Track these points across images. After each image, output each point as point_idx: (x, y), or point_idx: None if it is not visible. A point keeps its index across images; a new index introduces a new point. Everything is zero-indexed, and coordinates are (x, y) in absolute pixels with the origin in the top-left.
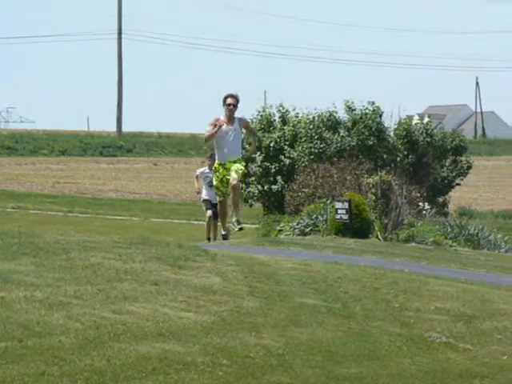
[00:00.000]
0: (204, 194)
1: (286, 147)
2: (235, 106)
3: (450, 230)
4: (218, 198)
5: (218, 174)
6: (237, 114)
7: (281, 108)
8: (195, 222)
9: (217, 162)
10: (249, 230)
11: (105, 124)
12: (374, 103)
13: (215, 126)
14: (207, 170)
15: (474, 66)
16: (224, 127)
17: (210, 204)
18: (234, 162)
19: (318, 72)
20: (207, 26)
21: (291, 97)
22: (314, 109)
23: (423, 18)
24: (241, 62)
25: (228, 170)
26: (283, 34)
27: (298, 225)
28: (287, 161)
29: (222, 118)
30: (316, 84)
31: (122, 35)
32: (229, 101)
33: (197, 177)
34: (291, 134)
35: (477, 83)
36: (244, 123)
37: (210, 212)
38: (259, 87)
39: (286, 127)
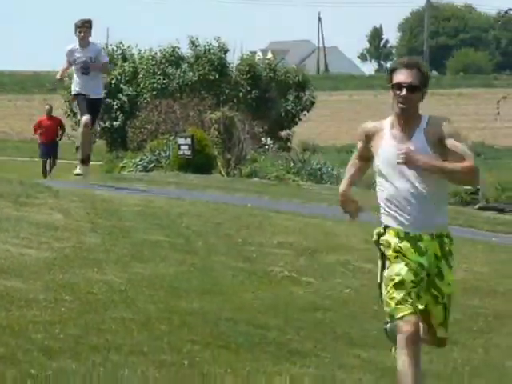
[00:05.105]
0: (75, 86)
1: (122, 86)
2: (412, 91)
3: (292, 164)
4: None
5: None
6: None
7: (121, 45)
8: (37, 160)
9: (394, 228)
10: (92, 167)
11: None
12: (219, 38)
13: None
14: (78, 48)
15: (316, 0)
16: (388, 142)
17: (85, 102)
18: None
19: (162, 9)
20: None
21: (135, 34)
22: (157, 46)
23: None
24: None
25: (418, 254)
26: None
27: (140, 161)
28: (125, 98)
29: (389, 120)
30: (160, 22)
31: None
32: (400, 78)
33: (68, 62)
34: (131, 70)
35: (319, 18)
36: (438, 131)
37: (86, 118)
38: (102, 25)
39: (125, 64)
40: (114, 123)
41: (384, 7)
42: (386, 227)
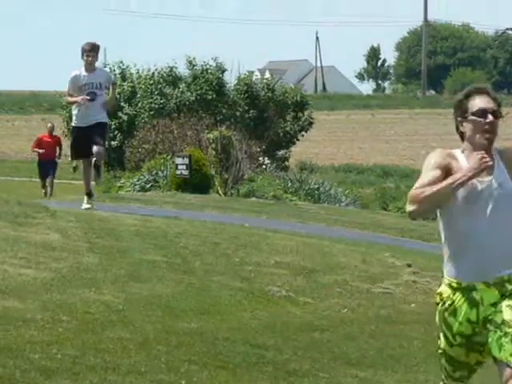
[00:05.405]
0: (77, 113)
1: (122, 104)
2: (496, 117)
3: (290, 184)
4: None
5: (452, 316)
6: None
7: (121, 64)
8: (36, 180)
9: (447, 278)
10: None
11: None
12: (217, 58)
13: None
14: (84, 73)
15: (314, 20)
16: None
17: (82, 138)
18: (487, 285)
19: (159, 29)
20: None
21: (132, 54)
22: (153, 65)
23: None
24: (83, 18)
25: (470, 307)
26: None
27: (138, 181)
28: (125, 117)
29: (460, 153)
30: (158, 41)
31: None
32: (482, 104)
33: (70, 95)
34: (130, 90)
35: (317, 38)
36: None
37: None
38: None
39: (125, 83)
40: (112, 143)
41: (381, 27)
42: (443, 277)
